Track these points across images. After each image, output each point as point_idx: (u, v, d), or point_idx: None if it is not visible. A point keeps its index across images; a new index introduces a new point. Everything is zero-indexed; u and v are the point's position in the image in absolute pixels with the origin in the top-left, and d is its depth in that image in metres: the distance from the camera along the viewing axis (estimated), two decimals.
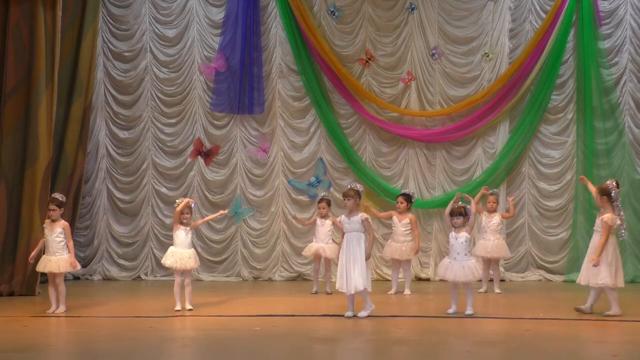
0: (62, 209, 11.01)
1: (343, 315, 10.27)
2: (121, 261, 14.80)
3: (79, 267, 11.21)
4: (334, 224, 12.43)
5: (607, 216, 10.18)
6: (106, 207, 14.85)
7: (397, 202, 12.60)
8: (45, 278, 13.37)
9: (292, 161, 14.56)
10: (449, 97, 14.24)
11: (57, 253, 10.80)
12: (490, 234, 12.44)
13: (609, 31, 13.85)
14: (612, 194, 10.25)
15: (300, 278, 14.44)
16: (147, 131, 14.85)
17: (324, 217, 12.65)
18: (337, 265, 10.37)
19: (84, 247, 14.61)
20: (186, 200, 10.95)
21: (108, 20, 14.83)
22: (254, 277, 14.53)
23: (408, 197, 12.57)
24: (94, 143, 14.84)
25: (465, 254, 10.40)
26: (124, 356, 8.46)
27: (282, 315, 10.46)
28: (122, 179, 14.90)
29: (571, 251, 13.86)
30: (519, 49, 14.04)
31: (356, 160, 14.29)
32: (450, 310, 10.39)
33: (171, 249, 10.79)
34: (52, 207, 10.87)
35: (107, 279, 14.64)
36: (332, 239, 12.61)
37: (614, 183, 10.40)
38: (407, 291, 12.40)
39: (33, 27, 12.61)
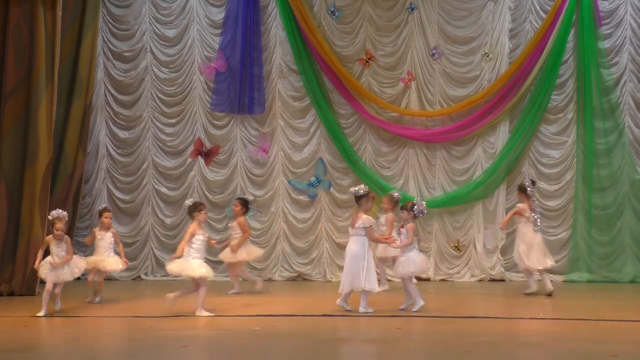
0: None
1: (343, 316, 10.31)
2: None
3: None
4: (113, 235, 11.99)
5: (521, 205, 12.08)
6: None
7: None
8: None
9: (292, 161, 14.56)
10: (449, 97, 14.24)
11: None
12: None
13: (609, 31, 13.85)
14: (528, 191, 12.05)
15: (300, 278, 14.44)
16: (148, 131, 14.85)
17: (107, 229, 11.91)
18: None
19: (84, 247, 14.57)
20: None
21: (108, 20, 14.84)
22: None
23: (243, 201, 12.71)
24: (94, 143, 14.84)
25: (403, 251, 10.74)
26: (124, 356, 8.47)
27: (282, 315, 10.47)
28: (122, 179, 14.90)
29: (571, 251, 13.86)
30: (519, 49, 14.04)
31: (356, 160, 14.30)
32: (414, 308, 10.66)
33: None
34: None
35: (107, 279, 14.56)
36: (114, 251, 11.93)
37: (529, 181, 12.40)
38: None
39: (33, 27, 12.61)
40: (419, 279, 14.11)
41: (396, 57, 14.33)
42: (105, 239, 11.79)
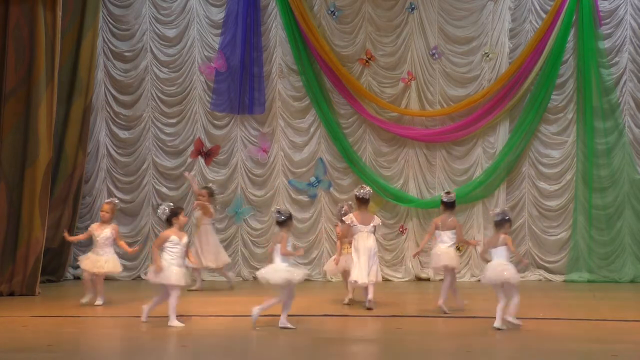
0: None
1: (343, 316, 10.30)
2: (121, 261, 14.68)
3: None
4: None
5: None
6: None
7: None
8: (44, 278, 13.40)
9: (292, 161, 14.57)
10: (449, 97, 14.24)
11: None
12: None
13: (609, 31, 13.85)
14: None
15: None
16: (148, 131, 14.85)
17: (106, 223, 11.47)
18: None
19: (84, 247, 14.54)
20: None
21: (108, 20, 14.83)
22: (254, 277, 14.50)
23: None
24: (94, 143, 14.84)
25: None
26: (124, 356, 8.46)
27: None
28: (123, 178, 14.90)
29: (571, 251, 13.86)
30: (519, 49, 14.04)
31: (356, 160, 14.30)
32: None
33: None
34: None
35: (107, 279, 14.52)
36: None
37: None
38: None
39: (33, 27, 12.60)
40: (419, 279, 14.16)
41: (396, 57, 14.33)
42: (102, 235, 11.37)
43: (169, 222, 9.98)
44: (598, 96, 13.72)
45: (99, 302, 11.39)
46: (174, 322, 9.70)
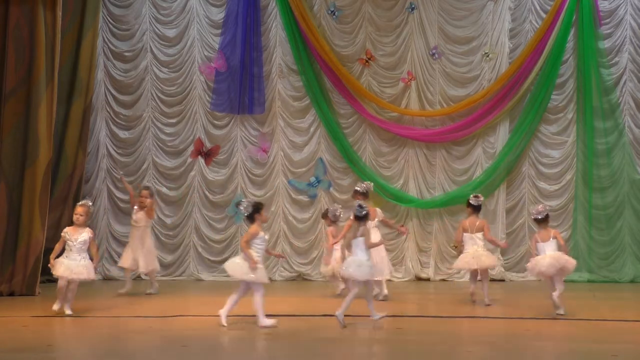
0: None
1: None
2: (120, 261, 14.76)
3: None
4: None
5: None
6: (106, 207, 14.84)
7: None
8: (44, 278, 13.39)
9: (292, 161, 14.57)
10: (449, 97, 14.24)
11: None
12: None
13: (609, 31, 13.86)
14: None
15: (300, 278, 14.44)
16: (148, 131, 14.85)
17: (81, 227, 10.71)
18: None
19: None
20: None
21: (108, 20, 14.83)
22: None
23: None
24: (94, 143, 14.84)
25: None
26: (124, 356, 8.46)
27: (282, 315, 10.46)
28: None
29: (571, 251, 13.82)
30: (519, 49, 14.05)
31: (356, 160, 14.30)
32: None
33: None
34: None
35: (107, 279, 14.63)
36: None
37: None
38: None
39: (33, 27, 12.60)
40: (419, 279, 14.16)
41: (396, 57, 14.33)
42: (80, 240, 10.57)
43: (251, 218, 9.74)
44: (598, 96, 13.73)
45: (68, 311, 10.54)
46: (265, 322, 9.49)
